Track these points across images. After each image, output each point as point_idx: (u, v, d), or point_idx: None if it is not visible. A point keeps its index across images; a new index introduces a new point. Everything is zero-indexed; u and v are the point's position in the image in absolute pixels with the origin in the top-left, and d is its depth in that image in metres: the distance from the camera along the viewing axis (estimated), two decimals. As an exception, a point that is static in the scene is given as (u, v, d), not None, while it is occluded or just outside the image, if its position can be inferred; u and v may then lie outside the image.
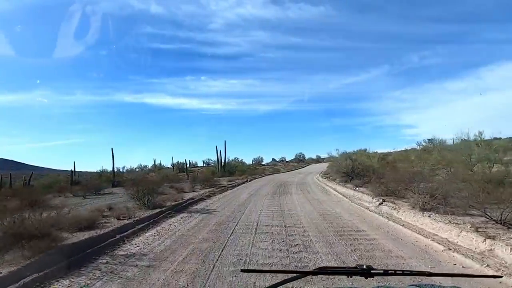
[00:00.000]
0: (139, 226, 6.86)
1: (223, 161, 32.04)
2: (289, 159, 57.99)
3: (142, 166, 35.55)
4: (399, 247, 4.90)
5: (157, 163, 36.34)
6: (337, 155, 21.38)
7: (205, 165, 41.20)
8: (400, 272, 1.02)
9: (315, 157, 58.97)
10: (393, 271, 1.01)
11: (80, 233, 5.79)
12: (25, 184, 18.29)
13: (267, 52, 61.89)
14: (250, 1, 52.35)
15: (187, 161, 34.86)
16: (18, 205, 7.52)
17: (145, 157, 63.52)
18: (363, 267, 0.99)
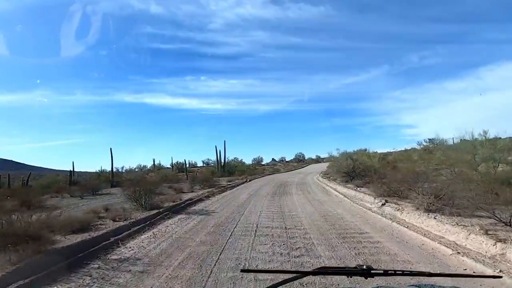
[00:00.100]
0: (135, 228, 6.66)
1: (222, 161, 31.84)
2: (289, 159, 57.70)
3: (141, 166, 35.32)
4: (405, 251, 4.69)
5: (156, 163, 36.28)
6: (337, 155, 21.27)
7: (204, 165, 40.94)
8: (400, 272, 1.02)
9: (314, 157, 58.69)
10: (393, 271, 1.01)
11: (73, 236, 5.59)
12: (23, 184, 18.10)
13: (267, 52, 61.46)
14: (249, 1, 51.98)
15: (187, 161, 34.62)
16: (11, 206, 7.32)
17: (144, 157, 62.90)
18: (363, 267, 0.99)
